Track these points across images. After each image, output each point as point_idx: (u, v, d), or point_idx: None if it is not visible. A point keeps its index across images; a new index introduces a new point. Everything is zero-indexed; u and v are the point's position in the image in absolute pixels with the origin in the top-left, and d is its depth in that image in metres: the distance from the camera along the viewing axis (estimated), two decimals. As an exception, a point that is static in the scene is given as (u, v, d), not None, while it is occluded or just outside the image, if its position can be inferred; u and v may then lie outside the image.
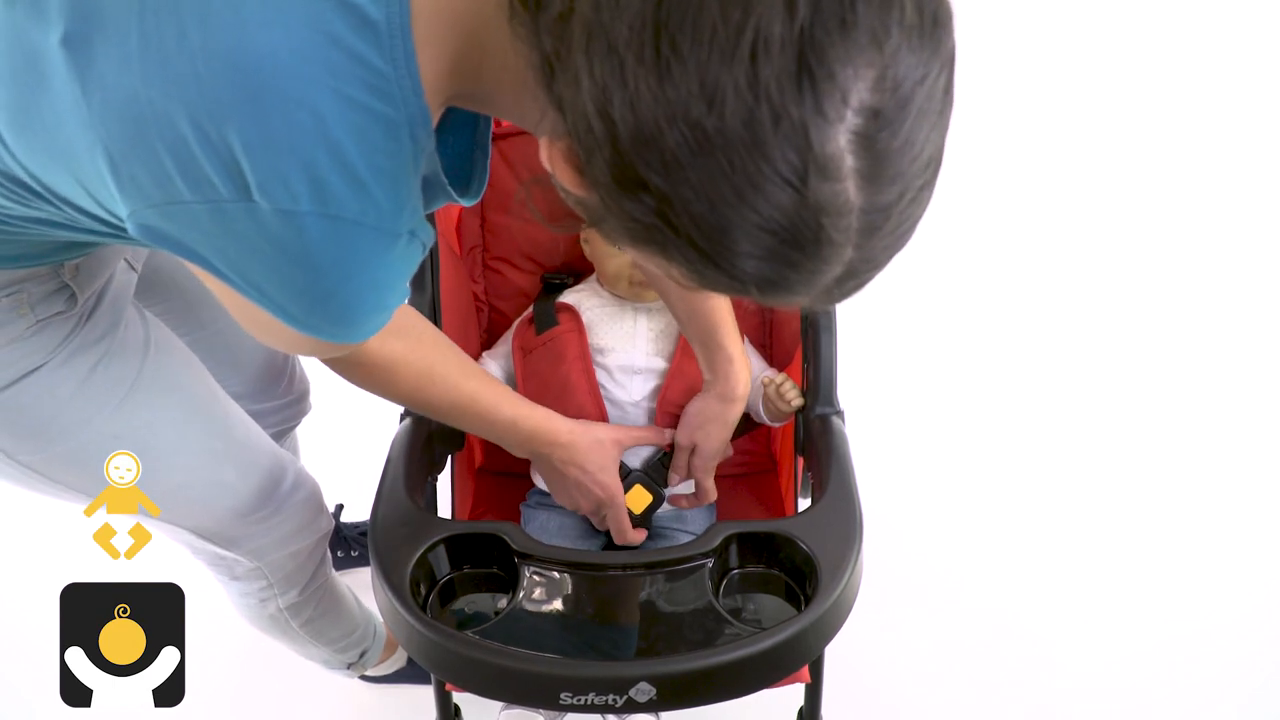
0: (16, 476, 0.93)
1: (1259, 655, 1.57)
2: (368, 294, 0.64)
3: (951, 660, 1.57)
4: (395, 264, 0.64)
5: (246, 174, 0.56)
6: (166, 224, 0.60)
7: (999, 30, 2.49)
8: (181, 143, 0.56)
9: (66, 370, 0.86)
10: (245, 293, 0.62)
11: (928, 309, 2.06)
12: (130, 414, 0.91)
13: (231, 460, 1.01)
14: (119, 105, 0.57)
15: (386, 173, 0.59)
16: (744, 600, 0.92)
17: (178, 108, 0.56)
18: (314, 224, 0.58)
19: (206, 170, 0.56)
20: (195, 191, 0.57)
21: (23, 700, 1.55)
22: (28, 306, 0.83)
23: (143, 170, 0.58)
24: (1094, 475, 1.80)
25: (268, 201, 0.57)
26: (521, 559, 0.91)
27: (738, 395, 1.12)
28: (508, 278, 1.33)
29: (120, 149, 0.58)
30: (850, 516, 0.93)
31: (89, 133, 0.59)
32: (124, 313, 0.93)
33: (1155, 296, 2.09)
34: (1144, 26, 2.58)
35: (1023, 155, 2.33)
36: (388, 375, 0.90)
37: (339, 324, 0.65)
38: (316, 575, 1.20)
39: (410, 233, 0.63)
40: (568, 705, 0.81)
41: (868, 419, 1.36)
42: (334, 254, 0.60)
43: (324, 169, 0.57)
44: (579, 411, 1.16)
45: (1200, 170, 2.31)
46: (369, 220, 0.59)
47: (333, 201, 0.58)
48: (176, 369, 0.97)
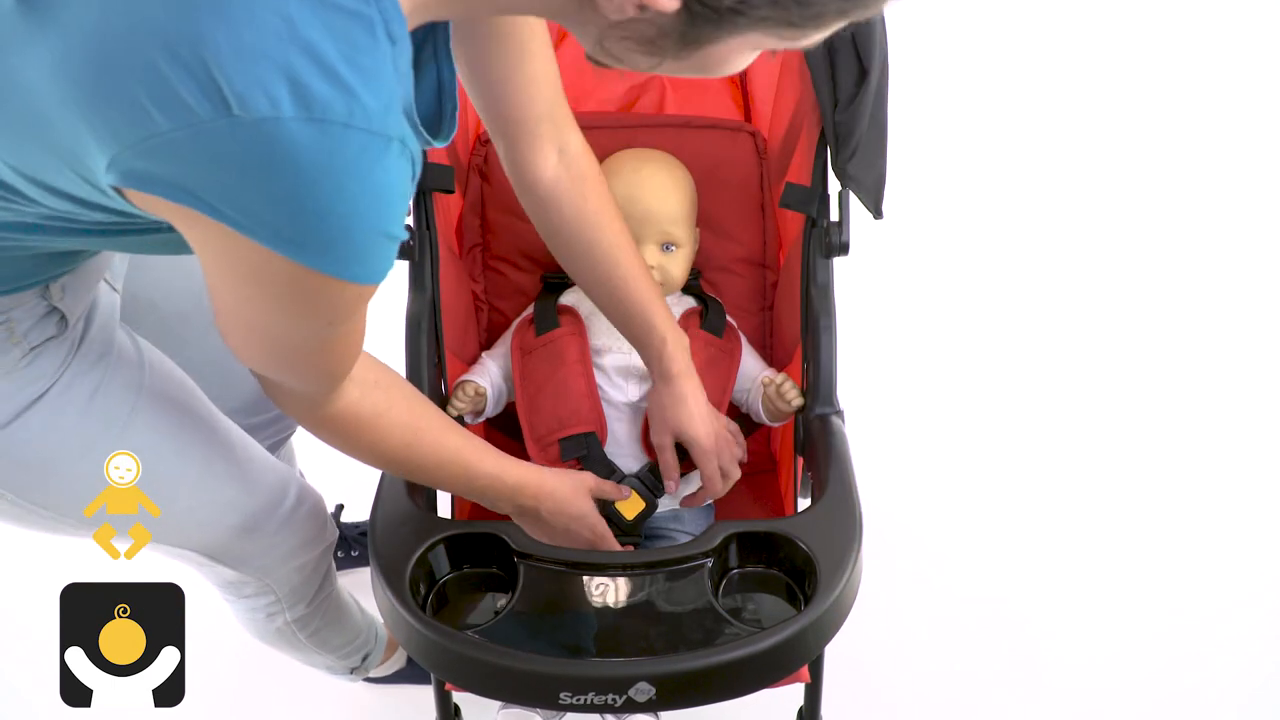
0: (24, 518, 0.92)
1: (1259, 655, 1.57)
2: (366, 209, 0.60)
3: (952, 660, 1.56)
4: (390, 175, 0.60)
5: (223, 88, 0.54)
6: (148, 162, 0.57)
7: (999, 30, 2.49)
8: (151, 68, 0.54)
9: (66, 399, 0.85)
10: (237, 225, 0.58)
11: (927, 309, 2.06)
12: (134, 438, 0.90)
13: (234, 478, 1.00)
14: (84, 47, 0.55)
15: (369, 71, 0.57)
16: (743, 600, 0.92)
17: (144, 33, 0.54)
18: (300, 130, 0.55)
19: (181, 93, 0.54)
20: (173, 119, 0.55)
21: (23, 700, 1.55)
22: (20, 335, 0.81)
23: (116, 110, 0.56)
24: (1095, 473, 1.80)
25: (249, 114, 0.54)
26: (521, 559, 0.91)
27: (675, 372, 1.09)
28: (508, 277, 1.33)
29: (90, 92, 0.56)
30: (850, 516, 0.94)
31: (58, 86, 0.57)
32: (115, 335, 0.91)
33: (1155, 295, 2.09)
34: (1144, 26, 2.58)
35: (1022, 155, 2.33)
36: (374, 432, 0.86)
37: (340, 248, 0.61)
38: (323, 587, 1.20)
39: (401, 140, 0.60)
40: (567, 705, 0.81)
41: (868, 419, 1.36)
42: (325, 161, 0.56)
43: (302, 71, 0.55)
44: (576, 414, 1.16)
45: (1200, 170, 2.31)
46: (357, 122, 0.57)
47: (316, 105, 0.55)
48: (174, 389, 0.96)
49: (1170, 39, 2.56)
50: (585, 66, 1.27)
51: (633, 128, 1.30)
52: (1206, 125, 2.40)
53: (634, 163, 1.22)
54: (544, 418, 1.18)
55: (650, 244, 1.19)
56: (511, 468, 0.99)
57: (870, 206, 1.09)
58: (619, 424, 1.18)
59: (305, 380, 0.79)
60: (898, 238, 1.62)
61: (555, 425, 1.17)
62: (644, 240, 1.18)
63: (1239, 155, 2.34)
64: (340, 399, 0.82)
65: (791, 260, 1.21)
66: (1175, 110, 2.43)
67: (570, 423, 1.16)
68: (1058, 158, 2.33)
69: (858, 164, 1.05)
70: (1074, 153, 2.34)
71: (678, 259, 1.20)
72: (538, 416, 1.18)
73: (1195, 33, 2.57)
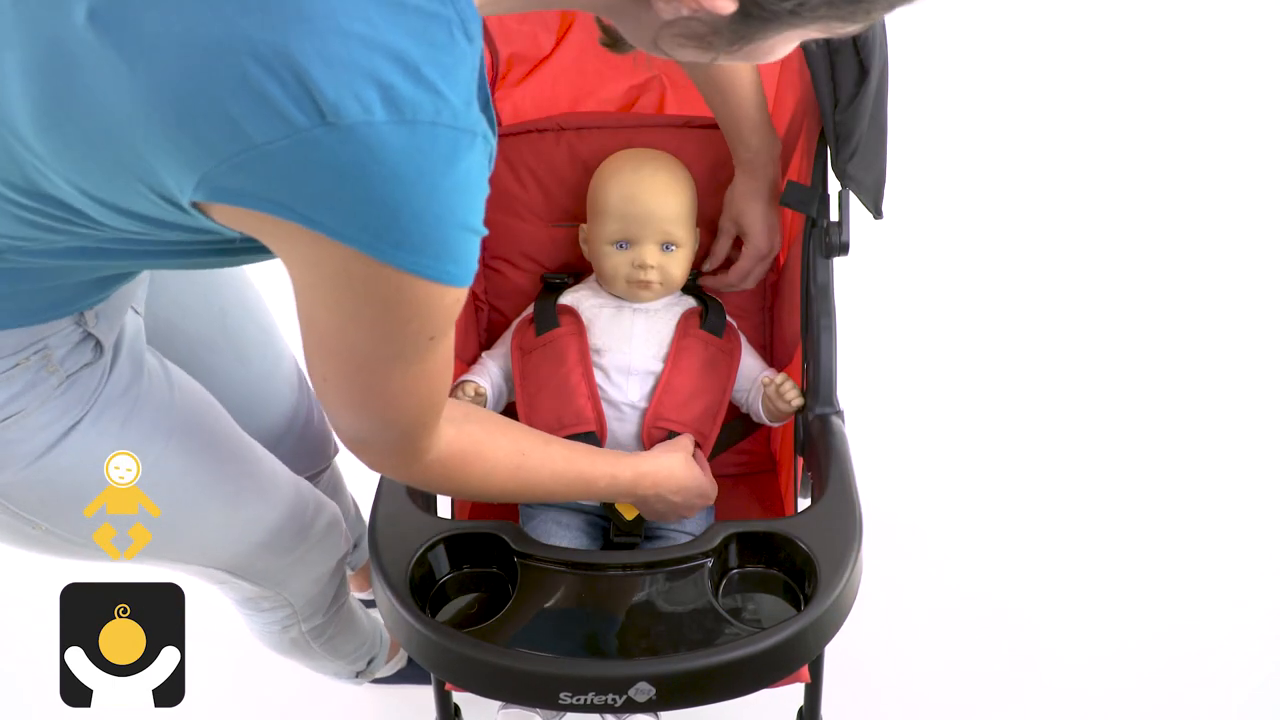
0: (57, 547, 0.91)
1: (1259, 655, 1.57)
2: (456, 204, 0.61)
3: (952, 660, 1.57)
4: (475, 170, 0.61)
5: (316, 97, 0.54)
6: (242, 177, 0.57)
7: (999, 31, 2.49)
8: (242, 82, 0.54)
9: (100, 426, 0.85)
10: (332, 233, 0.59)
11: (927, 309, 2.06)
12: (167, 462, 0.90)
13: (259, 496, 1.01)
14: (168, 65, 0.55)
15: (449, 69, 0.58)
16: (743, 600, 0.92)
17: (232, 48, 0.54)
18: (392, 133, 0.56)
19: (276, 104, 0.54)
20: (268, 131, 0.55)
21: (23, 700, 1.55)
22: (56, 363, 0.81)
23: (207, 126, 0.56)
24: (1095, 474, 1.80)
25: (343, 120, 0.55)
26: (520, 559, 0.91)
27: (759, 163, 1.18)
28: (507, 277, 1.33)
29: (178, 110, 0.56)
30: (850, 516, 0.93)
31: (139, 105, 0.56)
32: (144, 359, 0.91)
33: (1155, 295, 2.09)
34: (1144, 27, 2.58)
35: (1022, 155, 2.33)
36: (482, 463, 0.85)
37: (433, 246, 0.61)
38: (338, 597, 1.21)
39: (483, 136, 0.62)
40: (567, 705, 0.81)
41: (868, 419, 1.36)
42: (417, 161, 0.57)
43: (389, 75, 0.56)
44: (577, 415, 1.16)
45: (1200, 170, 2.31)
46: (444, 119, 0.58)
47: (406, 106, 0.56)
48: (201, 409, 0.96)
49: (1170, 39, 2.56)
50: (586, 66, 1.30)
51: (633, 127, 1.30)
52: (1206, 125, 2.40)
53: (634, 162, 1.22)
54: (544, 417, 1.17)
55: (650, 244, 1.19)
56: (622, 462, 1.01)
57: (870, 206, 1.09)
58: (619, 424, 1.18)
59: (403, 420, 0.75)
60: (898, 238, 1.62)
61: (555, 425, 1.16)
62: (643, 240, 1.19)
63: (1239, 155, 2.34)
64: (440, 440, 0.80)
65: (791, 260, 1.21)
66: (1175, 110, 2.43)
67: (571, 423, 1.16)
68: (1057, 158, 2.33)
69: (857, 164, 1.05)
70: (1073, 153, 2.34)
71: (678, 259, 1.20)
72: (538, 416, 1.18)
73: (1195, 33, 2.57)
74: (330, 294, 0.64)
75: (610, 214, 1.19)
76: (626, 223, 1.18)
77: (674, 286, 1.23)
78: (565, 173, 1.29)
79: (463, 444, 0.83)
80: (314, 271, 0.63)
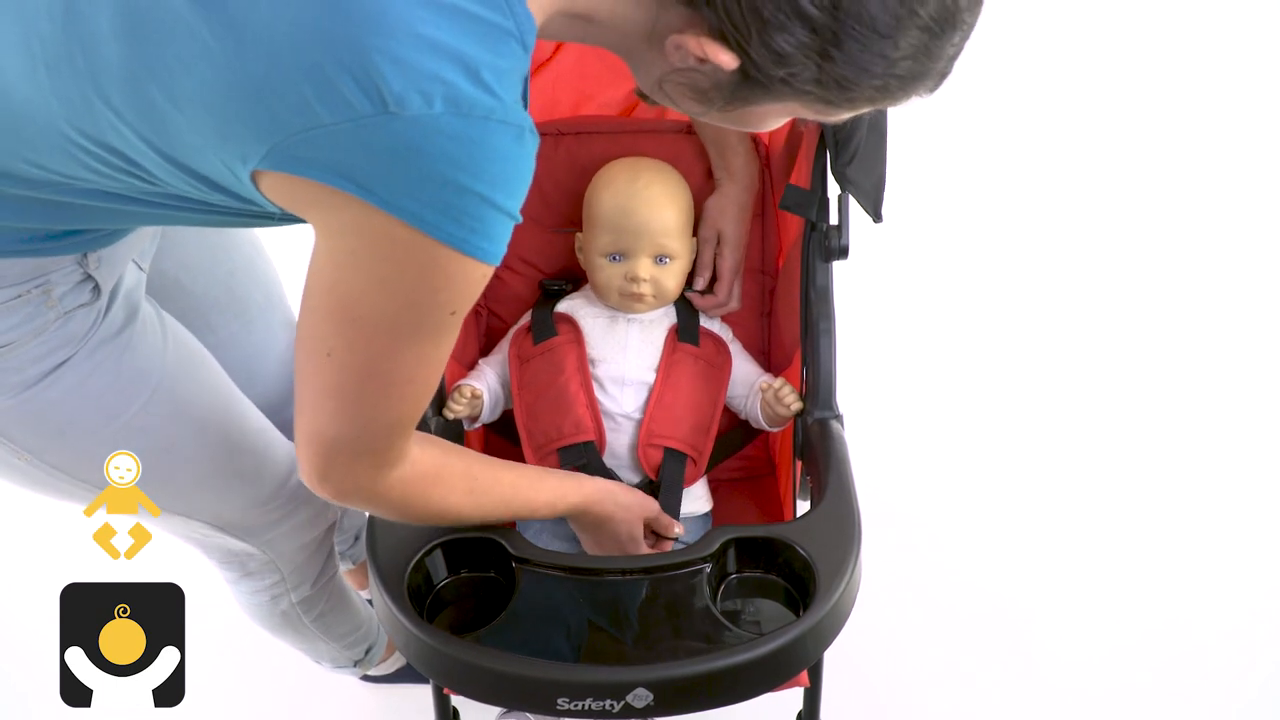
0: (43, 480, 0.93)
1: (1260, 655, 1.57)
2: (499, 188, 0.66)
3: (951, 664, 1.57)
4: (521, 158, 0.67)
5: (382, 90, 0.61)
6: (307, 150, 0.63)
7: (998, 35, 2.49)
8: (317, 69, 0.61)
9: (92, 363, 0.88)
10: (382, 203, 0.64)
11: (927, 313, 2.06)
12: (157, 406, 0.92)
13: (249, 450, 1.03)
14: (255, 44, 0.61)
15: (506, 73, 0.65)
16: (742, 605, 0.92)
17: (311, 37, 0.61)
18: (449, 124, 0.62)
19: (344, 92, 0.61)
20: (335, 114, 0.61)
21: (23, 700, 1.56)
22: (55, 299, 0.84)
23: (283, 103, 0.62)
24: (1095, 477, 1.80)
25: (404, 111, 0.61)
26: (519, 563, 0.91)
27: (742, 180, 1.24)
28: (505, 282, 1.32)
29: (259, 86, 0.62)
30: (849, 521, 0.93)
31: (224, 79, 0.62)
32: (140, 306, 0.94)
33: (1154, 298, 2.09)
34: (1143, 28, 2.58)
35: (1021, 160, 2.32)
36: (440, 486, 0.86)
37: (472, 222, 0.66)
38: (326, 568, 1.21)
39: (531, 130, 0.67)
40: (565, 710, 0.81)
41: (867, 423, 1.36)
42: (469, 148, 0.64)
43: (453, 74, 0.62)
44: (576, 424, 1.16)
45: (1199, 171, 2.31)
46: (497, 115, 0.64)
47: (464, 103, 0.63)
48: (195, 361, 0.99)
49: (1170, 40, 2.55)
50: (587, 70, 1.30)
51: (633, 133, 1.29)
52: (1205, 128, 2.39)
53: (629, 173, 1.21)
54: (542, 426, 1.18)
55: (643, 257, 1.18)
56: (565, 486, 1.00)
57: (870, 210, 1.09)
58: (615, 434, 1.17)
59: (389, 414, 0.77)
60: (897, 242, 1.62)
61: (555, 434, 1.17)
62: (637, 253, 1.18)
63: (1238, 157, 2.34)
64: (406, 457, 0.81)
65: (791, 264, 1.21)
66: (1175, 113, 2.42)
67: (570, 432, 1.16)
68: (1057, 162, 2.33)
69: (857, 168, 1.05)
70: (1073, 157, 2.34)
71: (672, 271, 1.20)
72: (536, 425, 1.18)
73: (1195, 33, 2.57)
74: (368, 259, 0.68)
75: (604, 226, 1.19)
76: (620, 235, 1.18)
77: (668, 299, 1.22)
78: (564, 178, 1.28)
79: (425, 465, 0.84)
80: (355, 238, 0.67)
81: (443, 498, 0.87)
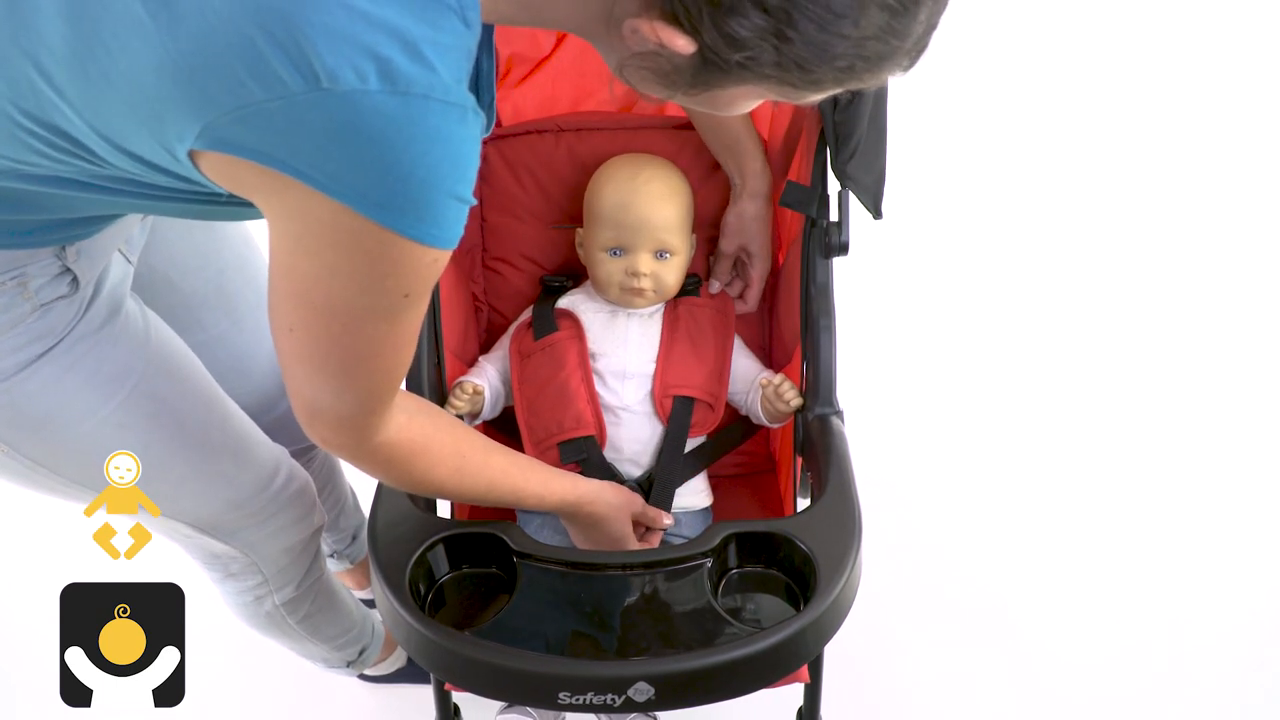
0: (21, 473, 0.93)
1: (1260, 655, 1.57)
2: (445, 172, 0.65)
3: (951, 660, 1.57)
4: (465, 138, 0.66)
5: (314, 64, 0.59)
6: (241, 130, 0.62)
7: (998, 31, 2.49)
8: (249, 45, 0.59)
9: (71, 357, 0.87)
10: (322, 188, 0.63)
11: (927, 309, 2.06)
12: (136, 404, 0.92)
13: (229, 452, 1.02)
14: (189, 22, 0.60)
15: (446, 49, 0.63)
16: (743, 600, 0.92)
17: (244, 12, 0.59)
18: (384, 102, 0.61)
19: (276, 67, 0.59)
20: (268, 90, 0.60)
21: (23, 700, 1.56)
22: (32, 291, 0.83)
23: (215, 80, 0.60)
24: (1095, 474, 1.80)
25: (337, 86, 0.60)
26: (520, 558, 0.91)
27: (762, 190, 1.23)
28: (506, 278, 1.33)
29: (190, 62, 0.61)
30: (849, 516, 0.93)
31: (157, 57, 0.61)
32: (124, 303, 0.93)
33: (1154, 295, 2.09)
34: (1143, 27, 2.58)
35: (1021, 156, 2.33)
36: (425, 458, 0.86)
37: (418, 209, 0.65)
38: (311, 570, 1.20)
39: (474, 110, 0.66)
40: (566, 705, 0.81)
41: (867, 419, 1.36)
42: (407, 129, 0.62)
43: (387, 49, 0.60)
44: (577, 419, 1.16)
45: (1199, 170, 2.31)
46: (436, 94, 0.62)
47: (400, 79, 0.61)
48: (177, 360, 0.98)
49: (1170, 39, 2.56)
50: (586, 66, 1.30)
51: (633, 129, 1.29)
52: (1206, 126, 2.40)
53: (629, 169, 1.21)
54: (543, 421, 1.18)
55: (644, 252, 1.18)
56: (555, 482, 1.00)
57: (870, 207, 1.09)
58: (615, 428, 1.18)
59: (361, 385, 0.77)
60: (897, 238, 1.62)
61: (555, 429, 1.17)
62: (637, 248, 1.18)
63: (1238, 156, 2.34)
64: (389, 424, 0.82)
65: (791, 260, 1.21)
66: (1175, 111, 2.43)
67: (570, 427, 1.16)
68: (1057, 158, 2.33)
69: (857, 164, 1.05)
70: (1073, 153, 2.34)
71: (672, 266, 1.20)
72: (536, 420, 1.18)
73: (1195, 33, 2.57)
74: (314, 245, 0.67)
75: (604, 221, 1.19)
76: (620, 231, 1.18)
77: (668, 293, 1.22)
78: (565, 174, 1.29)
79: (412, 434, 0.85)
80: (300, 223, 0.66)
81: (426, 470, 0.87)
